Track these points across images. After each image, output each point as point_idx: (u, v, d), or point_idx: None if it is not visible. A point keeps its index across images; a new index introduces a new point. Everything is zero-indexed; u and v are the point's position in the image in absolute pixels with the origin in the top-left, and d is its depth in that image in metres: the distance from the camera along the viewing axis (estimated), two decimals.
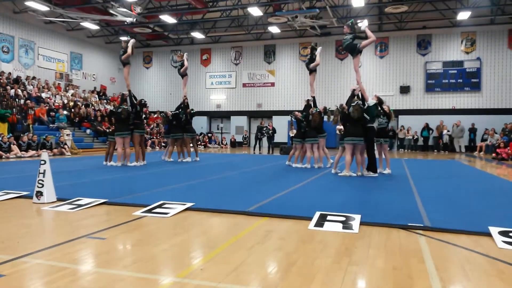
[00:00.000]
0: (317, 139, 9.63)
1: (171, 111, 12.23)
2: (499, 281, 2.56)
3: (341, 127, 8.64)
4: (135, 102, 10.30)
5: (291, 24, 20.48)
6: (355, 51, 8.44)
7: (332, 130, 11.31)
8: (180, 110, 11.82)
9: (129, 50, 10.36)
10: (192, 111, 11.98)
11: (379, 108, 8.48)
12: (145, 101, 10.73)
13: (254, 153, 17.71)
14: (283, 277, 2.56)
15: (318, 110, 9.61)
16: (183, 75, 12.26)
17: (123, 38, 11.03)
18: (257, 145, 18.42)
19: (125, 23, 20.22)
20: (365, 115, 7.98)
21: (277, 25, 21.45)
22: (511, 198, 5.83)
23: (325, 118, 9.68)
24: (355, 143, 7.98)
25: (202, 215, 4.40)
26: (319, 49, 10.57)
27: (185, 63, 12.09)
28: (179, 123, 11.69)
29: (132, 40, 10.66)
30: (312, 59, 10.41)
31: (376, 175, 8.14)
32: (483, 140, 19.34)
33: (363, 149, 8.24)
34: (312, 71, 10.28)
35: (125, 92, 10.54)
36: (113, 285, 2.41)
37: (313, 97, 9.97)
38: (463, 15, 18.91)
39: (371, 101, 8.12)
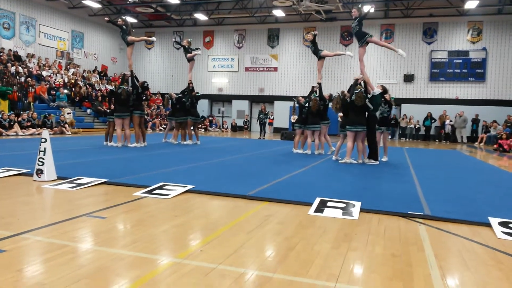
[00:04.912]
0: (318, 126, 9.57)
1: (175, 93, 12.15)
2: (497, 271, 2.56)
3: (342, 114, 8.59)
4: (137, 83, 10.21)
5: (296, 8, 20.17)
6: (361, 41, 8.28)
7: (336, 117, 11.23)
8: (185, 94, 11.74)
9: (138, 38, 10.85)
10: (197, 94, 11.90)
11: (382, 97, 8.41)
12: (147, 84, 10.64)
13: (260, 138, 17.66)
14: (281, 261, 2.57)
15: (317, 96, 9.52)
16: (190, 59, 12.13)
17: (123, 17, 10.95)
18: (261, 130, 18.42)
19: (128, 2, 19.93)
20: (369, 103, 7.92)
21: (281, 9, 21.13)
22: (511, 190, 5.83)
23: (330, 105, 9.56)
24: (357, 131, 7.95)
25: (202, 197, 4.41)
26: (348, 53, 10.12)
27: (194, 56, 12.03)
28: (182, 107, 11.63)
29: (153, 39, 11.47)
30: (315, 45, 10.23)
31: (377, 163, 8.14)
32: (485, 131, 19.30)
33: (364, 137, 8.21)
34: (321, 57, 10.10)
35: (127, 72, 10.44)
36: (112, 264, 2.42)
37: (319, 83, 9.87)
38: (471, 4, 18.59)
39: (376, 90, 8.04)
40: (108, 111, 11.28)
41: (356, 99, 7.82)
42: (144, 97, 11.14)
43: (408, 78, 21.80)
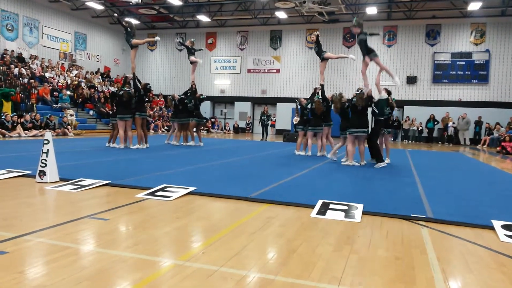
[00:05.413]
0: (320, 128, 9.55)
1: (178, 95, 12.15)
2: (500, 274, 2.55)
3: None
4: (139, 85, 10.24)
5: (299, 9, 20.19)
6: (364, 54, 8.22)
7: (338, 119, 11.18)
8: (188, 95, 11.74)
9: (142, 41, 11.04)
10: (201, 97, 11.92)
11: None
12: (150, 86, 10.68)
13: (262, 140, 17.63)
14: (283, 264, 2.56)
15: (320, 98, 9.51)
16: (192, 62, 12.15)
17: (126, 20, 11.02)
18: (263, 132, 18.40)
19: (131, 3, 19.98)
20: (374, 108, 7.92)
21: (284, 10, 21.14)
22: None
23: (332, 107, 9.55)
24: (357, 135, 7.94)
25: (204, 199, 4.41)
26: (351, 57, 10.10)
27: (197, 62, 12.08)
28: (184, 108, 11.63)
29: (157, 38, 11.84)
30: (319, 46, 10.22)
31: (385, 164, 8.01)
32: (488, 133, 19.22)
33: (365, 140, 8.18)
34: (324, 59, 10.09)
35: (129, 75, 10.47)
36: (114, 266, 2.42)
37: (322, 85, 9.87)
38: (474, 6, 18.55)
39: (383, 94, 8.01)
40: (111, 113, 11.32)
41: (357, 101, 7.80)
42: (146, 99, 11.16)
43: (411, 80, 21.74)
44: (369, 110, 8.11)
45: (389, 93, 8.37)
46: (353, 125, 7.94)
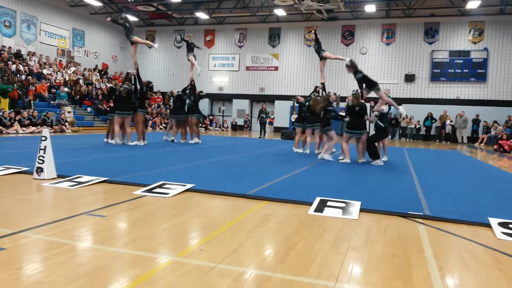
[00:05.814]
0: (317, 125, 9.56)
1: (177, 91, 12.10)
2: (497, 271, 2.56)
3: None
4: (141, 82, 10.20)
5: (297, 7, 20.14)
6: (368, 89, 8.26)
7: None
8: (186, 92, 11.71)
9: (142, 41, 11.10)
10: (201, 93, 11.90)
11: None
12: (152, 84, 10.68)
13: (260, 137, 17.63)
14: (281, 260, 2.56)
15: (316, 95, 9.55)
16: (190, 60, 12.11)
17: (123, 16, 11.01)
18: (261, 130, 18.37)
19: (129, 0, 19.90)
20: (379, 122, 8.06)
21: (283, 8, 21.09)
22: (511, 190, 5.82)
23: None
24: (356, 136, 8.03)
25: (202, 196, 4.41)
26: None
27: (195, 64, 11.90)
28: (182, 105, 11.60)
29: (156, 46, 11.62)
30: (318, 44, 10.21)
31: (382, 163, 8.05)
32: (485, 131, 19.28)
33: (364, 139, 8.22)
34: (323, 58, 10.09)
35: (131, 71, 10.43)
36: (112, 262, 2.42)
37: (323, 84, 9.87)
38: (472, 4, 18.54)
39: (384, 107, 8.09)
40: (108, 109, 11.28)
41: (353, 100, 7.90)
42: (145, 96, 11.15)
43: (409, 78, 21.76)
44: (370, 113, 8.28)
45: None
46: (350, 126, 8.00)
